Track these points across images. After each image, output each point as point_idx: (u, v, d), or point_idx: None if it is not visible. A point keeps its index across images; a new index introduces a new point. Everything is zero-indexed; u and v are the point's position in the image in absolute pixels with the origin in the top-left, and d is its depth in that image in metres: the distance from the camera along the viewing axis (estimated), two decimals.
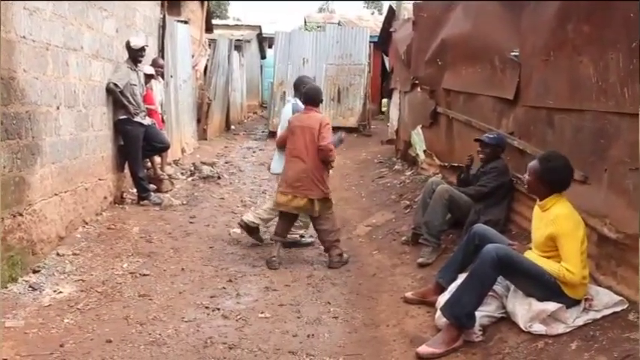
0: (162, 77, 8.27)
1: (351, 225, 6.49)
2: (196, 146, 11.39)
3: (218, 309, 4.03)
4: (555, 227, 3.25)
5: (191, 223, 6.25)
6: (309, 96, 5.18)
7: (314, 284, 4.63)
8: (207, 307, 4.04)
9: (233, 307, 4.10)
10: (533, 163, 3.44)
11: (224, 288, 4.44)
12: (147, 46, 7.00)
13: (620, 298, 3.21)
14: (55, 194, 4.95)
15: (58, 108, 4.98)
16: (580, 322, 3.17)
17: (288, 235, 5.46)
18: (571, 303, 3.24)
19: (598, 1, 3.55)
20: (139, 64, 6.82)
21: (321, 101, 5.27)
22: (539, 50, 4.38)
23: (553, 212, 3.32)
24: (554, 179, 3.34)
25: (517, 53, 4.81)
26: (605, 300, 3.24)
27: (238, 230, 5.91)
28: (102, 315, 3.82)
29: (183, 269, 4.79)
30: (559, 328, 3.18)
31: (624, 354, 2.76)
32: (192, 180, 8.50)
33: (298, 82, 5.71)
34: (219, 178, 8.77)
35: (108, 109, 6.35)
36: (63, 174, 5.11)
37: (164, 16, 8.89)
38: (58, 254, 4.79)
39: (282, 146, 5.28)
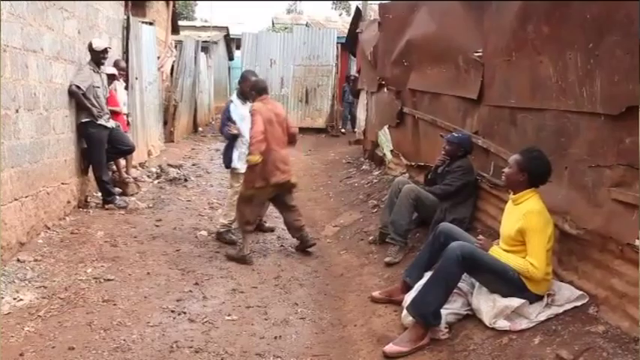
0: (126, 80, 8.14)
1: (319, 225, 6.49)
2: (163, 148, 11.25)
3: (184, 312, 3.98)
4: (525, 222, 3.30)
5: (157, 226, 6.15)
6: (265, 87, 5.39)
7: (281, 285, 4.61)
8: (173, 311, 3.99)
9: (199, 310, 4.05)
10: (514, 155, 3.50)
11: (190, 291, 4.39)
12: (110, 47, 6.88)
13: (581, 292, 3.28)
14: (15, 199, 4.82)
15: (17, 111, 4.85)
16: (543, 317, 3.23)
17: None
18: (534, 298, 3.30)
19: (556, 1, 3.61)
20: (101, 66, 6.71)
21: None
22: (502, 50, 4.44)
23: (525, 207, 3.36)
24: (533, 171, 3.38)
25: (480, 53, 4.88)
26: (566, 295, 3.30)
27: (205, 233, 5.87)
28: (64, 322, 3.72)
29: (148, 273, 4.71)
30: (522, 324, 3.23)
31: (585, 347, 2.83)
32: (159, 183, 8.38)
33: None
34: (186, 180, 8.66)
35: (70, 111, 6.21)
36: (23, 178, 4.98)
37: (128, 17, 8.74)
38: (18, 260, 4.66)
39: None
